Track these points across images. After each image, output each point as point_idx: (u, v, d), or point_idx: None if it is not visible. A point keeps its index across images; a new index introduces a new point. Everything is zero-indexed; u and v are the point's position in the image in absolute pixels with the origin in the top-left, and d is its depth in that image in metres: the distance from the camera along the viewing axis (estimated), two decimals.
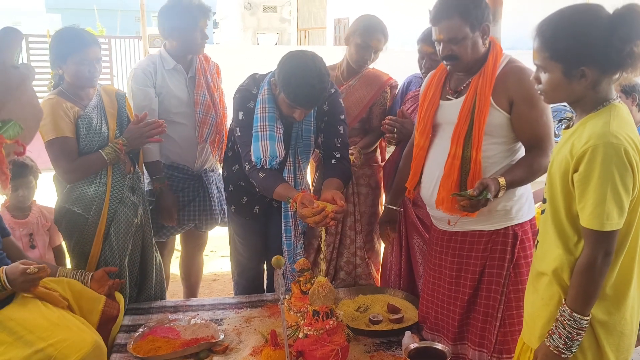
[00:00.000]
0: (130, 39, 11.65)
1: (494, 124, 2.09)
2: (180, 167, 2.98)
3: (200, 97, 2.92)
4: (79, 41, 2.48)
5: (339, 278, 3.01)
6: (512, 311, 2.15)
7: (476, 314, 2.21)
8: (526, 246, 2.17)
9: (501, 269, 2.15)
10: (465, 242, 2.21)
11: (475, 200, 1.95)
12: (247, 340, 2.37)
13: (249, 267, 2.92)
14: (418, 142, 2.30)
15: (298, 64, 2.31)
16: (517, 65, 2.14)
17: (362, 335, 2.38)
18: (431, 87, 2.30)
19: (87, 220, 2.56)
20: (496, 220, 2.15)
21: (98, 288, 2.41)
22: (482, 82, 2.10)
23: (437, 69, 2.32)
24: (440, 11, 2.09)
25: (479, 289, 2.19)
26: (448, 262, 2.25)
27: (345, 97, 2.83)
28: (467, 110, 2.11)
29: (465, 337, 2.25)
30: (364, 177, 2.97)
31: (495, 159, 2.13)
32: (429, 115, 2.26)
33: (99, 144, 2.54)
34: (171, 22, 2.82)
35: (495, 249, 2.16)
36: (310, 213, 2.22)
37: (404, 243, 2.87)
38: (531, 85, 1.93)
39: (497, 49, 2.16)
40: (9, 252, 2.34)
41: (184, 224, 3.06)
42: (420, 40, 2.72)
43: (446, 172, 2.15)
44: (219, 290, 4.13)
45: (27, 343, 2.01)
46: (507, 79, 2.09)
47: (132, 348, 2.23)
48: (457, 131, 2.13)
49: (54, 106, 2.46)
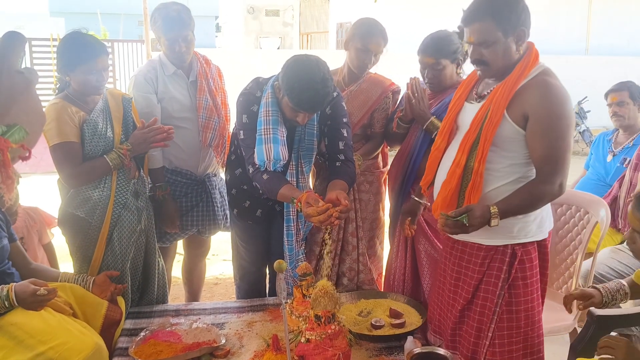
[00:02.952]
0: (133, 42, 11.70)
1: (504, 136, 1.99)
2: (184, 172, 2.98)
3: (202, 101, 2.92)
4: (89, 51, 2.47)
5: (341, 284, 3.00)
6: (504, 332, 2.09)
7: (468, 328, 2.16)
8: (526, 267, 2.07)
9: (495, 287, 2.08)
10: (465, 253, 2.16)
11: (451, 221, 1.90)
12: (249, 344, 2.37)
13: (251, 271, 2.92)
14: (436, 141, 2.25)
15: (302, 68, 2.32)
16: (546, 79, 1.97)
17: (364, 340, 2.38)
18: (462, 86, 2.23)
19: (91, 225, 2.56)
20: (495, 236, 2.06)
21: (100, 293, 2.41)
22: (500, 91, 1.98)
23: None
24: (473, 12, 1.98)
25: (473, 303, 2.14)
26: (449, 269, 2.23)
27: (347, 102, 2.82)
28: (480, 119, 2.03)
29: (457, 348, 2.21)
30: (365, 184, 2.96)
31: (501, 173, 2.04)
32: (451, 116, 2.19)
33: (104, 148, 2.54)
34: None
35: (492, 266, 2.09)
36: (315, 212, 2.22)
37: (409, 247, 2.86)
38: (553, 105, 1.88)
39: (531, 57, 2.01)
40: (14, 258, 2.34)
41: (187, 229, 3.05)
42: (420, 51, 2.67)
43: (447, 179, 2.11)
44: (220, 294, 4.13)
45: (28, 347, 2.01)
46: (528, 92, 1.95)
47: (134, 352, 2.23)
48: (466, 139, 2.06)
49: (59, 111, 2.46)
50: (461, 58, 2.70)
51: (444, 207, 2.10)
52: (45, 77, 10.19)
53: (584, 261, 2.83)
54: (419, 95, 2.68)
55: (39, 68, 10.29)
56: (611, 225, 3.25)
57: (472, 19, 1.98)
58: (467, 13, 2.00)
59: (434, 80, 2.68)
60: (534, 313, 2.11)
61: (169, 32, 2.82)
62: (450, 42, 2.62)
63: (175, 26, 2.81)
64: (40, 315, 2.10)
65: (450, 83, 2.70)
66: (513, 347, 2.09)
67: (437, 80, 2.67)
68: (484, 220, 1.93)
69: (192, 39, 2.87)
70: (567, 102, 1.96)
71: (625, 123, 3.52)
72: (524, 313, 2.09)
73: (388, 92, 2.93)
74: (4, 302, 2.02)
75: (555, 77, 2.00)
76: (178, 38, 2.81)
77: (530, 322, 2.10)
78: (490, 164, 2.02)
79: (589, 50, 15.04)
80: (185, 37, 2.82)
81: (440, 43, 2.62)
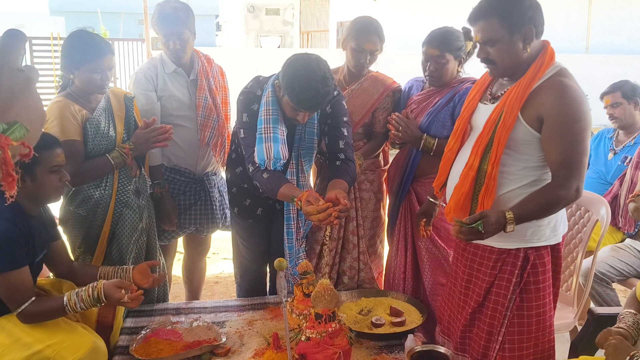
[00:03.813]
0: (134, 41, 11.70)
1: (518, 139, 1.95)
2: (182, 170, 2.98)
3: (202, 100, 2.92)
4: (95, 50, 2.47)
5: (342, 283, 3.00)
6: (514, 336, 2.06)
7: (479, 331, 2.13)
8: (538, 271, 2.04)
9: (507, 290, 2.04)
10: (477, 255, 2.12)
11: (466, 228, 1.87)
12: (249, 342, 2.37)
13: (251, 270, 2.92)
14: (449, 142, 2.22)
15: (302, 67, 2.31)
16: (561, 80, 1.92)
17: (365, 338, 2.38)
18: (476, 86, 2.20)
19: (92, 223, 2.56)
20: (507, 240, 2.01)
21: (141, 279, 2.40)
22: (514, 93, 1.93)
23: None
24: (478, 11, 1.97)
25: (484, 306, 2.11)
26: (460, 271, 2.21)
27: (348, 101, 2.82)
28: (493, 121, 1.98)
29: (467, 350, 2.20)
30: (366, 182, 2.96)
31: (515, 176, 2.00)
32: (464, 117, 2.15)
33: (106, 147, 2.54)
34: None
35: (504, 269, 2.05)
36: (315, 211, 2.22)
37: (410, 245, 2.86)
38: (569, 108, 1.85)
39: (546, 57, 1.96)
40: (57, 256, 2.37)
41: (185, 227, 3.05)
42: (425, 42, 2.68)
43: (459, 182, 2.07)
44: (221, 293, 4.13)
45: (25, 345, 2.02)
46: (543, 94, 1.91)
47: (134, 350, 2.23)
48: (479, 141, 2.02)
49: (62, 109, 2.46)
50: (464, 57, 2.70)
51: (457, 210, 2.08)
52: (46, 76, 10.19)
53: (584, 259, 2.84)
54: (404, 127, 2.70)
55: (39, 67, 10.28)
56: (611, 224, 3.25)
57: (477, 17, 1.98)
58: (473, 12, 1.99)
59: (435, 74, 2.68)
60: (546, 318, 2.08)
61: (163, 29, 2.83)
62: (456, 39, 2.64)
63: (170, 23, 2.81)
64: None
65: (450, 79, 2.71)
66: (524, 352, 2.07)
67: (438, 73, 2.68)
68: (500, 226, 1.87)
69: (189, 37, 2.86)
70: (583, 104, 1.90)
71: (622, 123, 3.51)
72: (535, 318, 2.06)
73: (389, 91, 2.92)
74: (96, 303, 2.13)
75: (571, 77, 1.96)
76: (172, 35, 2.82)
77: (542, 327, 2.07)
78: (503, 167, 1.98)
79: (589, 48, 15.03)
80: (179, 34, 2.82)
81: (447, 37, 2.64)
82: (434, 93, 2.76)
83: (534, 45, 1.97)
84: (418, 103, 2.79)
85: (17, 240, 2.03)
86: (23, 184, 2.06)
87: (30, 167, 2.06)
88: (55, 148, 2.15)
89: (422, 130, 2.72)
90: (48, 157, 2.11)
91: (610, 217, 2.75)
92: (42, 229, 2.24)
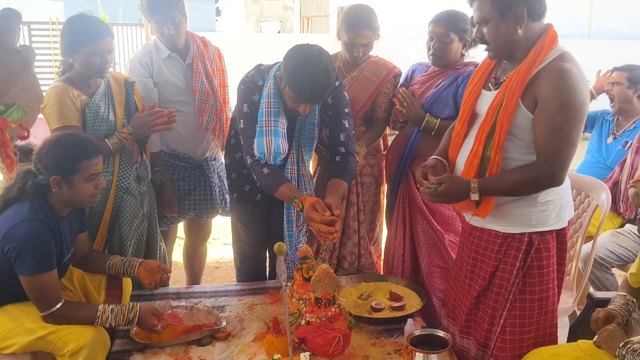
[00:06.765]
0: (133, 26, 11.61)
1: (520, 126, 1.94)
2: (182, 155, 2.98)
3: (198, 84, 2.90)
4: (93, 32, 2.45)
5: (342, 268, 3.01)
6: (515, 319, 2.07)
7: (483, 314, 2.15)
8: (542, 256, 2.03)
9: (510, 274, 2.05)
10: (482, 240, 2.13)
11: (425, 186, 1.99)
12: (249, 327, 2.38)
13: (251, 255, 2.93)
14: (456, 127, 2.20)
15: (304, 59, 2.29)
16: (561, 65, 1.88)
17: (364, 323, 2.39)
18: (479, 71, 2.18)
19: (93, 209, 2.56)
20: (512, 224, 2.03)
21: (147, 277, 2.38)
22: (515, 79, 1.92)
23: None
24: None
25: (489, 289, 2.12)
26: (466, 255, 2.21)
27: (349, 89, 2.81)
28: (495, 107, 1.97)
29: (471, 334, 2.21)
30: (367, 167, 2.96)
31: (519, 162, 1.98)
32: (469, 102, 2.14)
33: (106, 131, 2.53)
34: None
35: (509, 253, 2.05)
36: (319, 219, 2.24)
37: (408, 228, 2.87)
38: (561, 93, 1.83)
39: (546, 41, 1.93)
40: (79, 247, 2.37)
41: (185, 213, 3.06)
42: (432, 21, 2.70)
43: (465, 169, 2.07)
44: (221, 278, 4.15)
45: (29, 330, 2.04)
46: (542, 77, 1.89)
47: (135, 334, 2.24)
48: (482, 128, 2.01)
49: (61, 94, 2.44)
50: (469, 40, 2.71)
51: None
52: (44, 61, 10.12)
53: (584, 245, 2.84)
54: (409, 103, 2.71)
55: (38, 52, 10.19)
56: (612, 209, 3.25)
57: None
58: None
59: (439, 52, 2.69)
60: (549, 303, 2.08)
61: (156, 16, 2.81)
62: (462, 20, 2.67)
63: (161, 8, 2.78)
64: None
65: (453, 60, 2.73)
66: (525, 336, 2.08)
67: (442, 52, 2.69)
68: (463, 192, 1.95)
69: (182, 20, 2.83)
70: (576, 92, 1.86)
71: (617, 108, 3.49)
72: (537, 302, 2.06)
73: (390, 77, 2.90)
74: (128, 322, 2.14)
75: (573, 62, 1.91)
76: (166, 21, 2.79)
77: (544, 311, 2.08)
78: (507, 153, 1.98)
79: (591, 34, 14.93)
80: (172, 19, 2.79)
81: (454, 17, 2.67)
82: (438, 74, 2.75)
83: (535, 28, 1.96)
84: (421, 84, 2.79)
85: (50, 243, 2.05)
86: (59, 190, 2.09)
87: (68, 175, 2.08)
88: (95, 157, 2.15)
89: (424, 109, 2.73)
90: (87, 166, 2.12)
91: (611, 202, 2.74)
92: (70, 230, 2.25)
